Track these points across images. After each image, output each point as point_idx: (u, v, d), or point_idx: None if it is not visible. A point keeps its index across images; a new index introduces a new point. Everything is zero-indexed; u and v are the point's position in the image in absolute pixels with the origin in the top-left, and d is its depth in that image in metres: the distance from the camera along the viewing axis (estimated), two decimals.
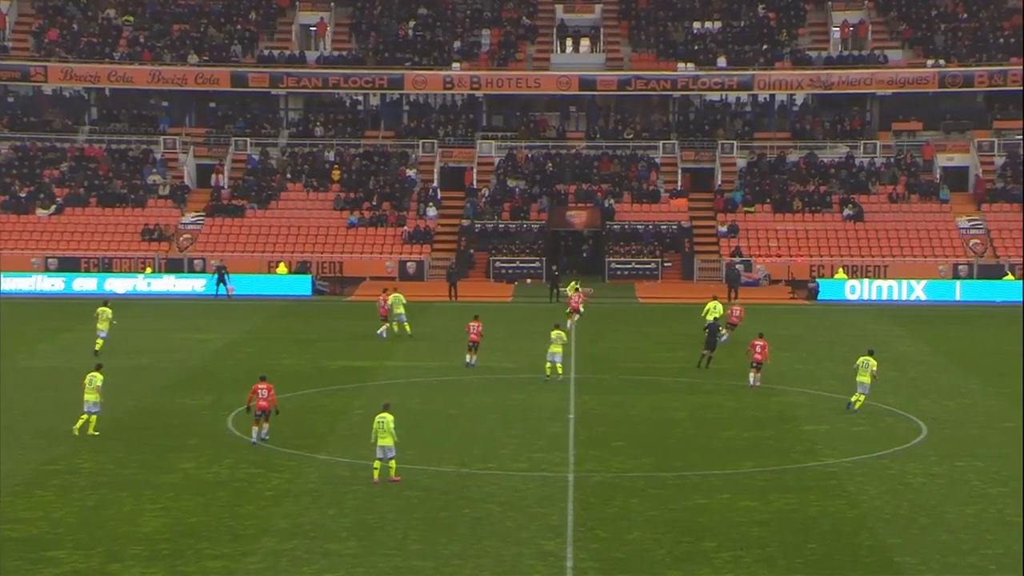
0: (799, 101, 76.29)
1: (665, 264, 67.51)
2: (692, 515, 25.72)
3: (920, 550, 23.67)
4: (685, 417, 34.96)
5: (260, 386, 30.98)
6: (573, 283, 53.89)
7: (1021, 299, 57.84)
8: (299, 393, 36.70)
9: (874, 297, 60.98)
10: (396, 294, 48.34)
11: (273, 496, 26.95)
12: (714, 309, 46.22)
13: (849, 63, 74.08)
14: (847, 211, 69.06)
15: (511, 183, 72.26)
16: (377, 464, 27.61)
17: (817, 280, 62.80)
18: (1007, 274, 62.94)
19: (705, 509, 26.13)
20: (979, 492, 27.49)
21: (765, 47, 75.56)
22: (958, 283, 62.58)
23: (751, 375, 38.73)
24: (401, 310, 47.57)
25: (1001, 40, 74.54)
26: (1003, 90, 72.09)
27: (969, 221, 68.07)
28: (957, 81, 71.87)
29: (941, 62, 72.99)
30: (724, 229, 68.67)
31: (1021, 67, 71.34)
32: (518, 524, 25.11)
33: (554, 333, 39.56)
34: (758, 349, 38.70)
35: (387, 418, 27.64)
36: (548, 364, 39.30)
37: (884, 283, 62.17)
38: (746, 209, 69.94)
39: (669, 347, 46.78)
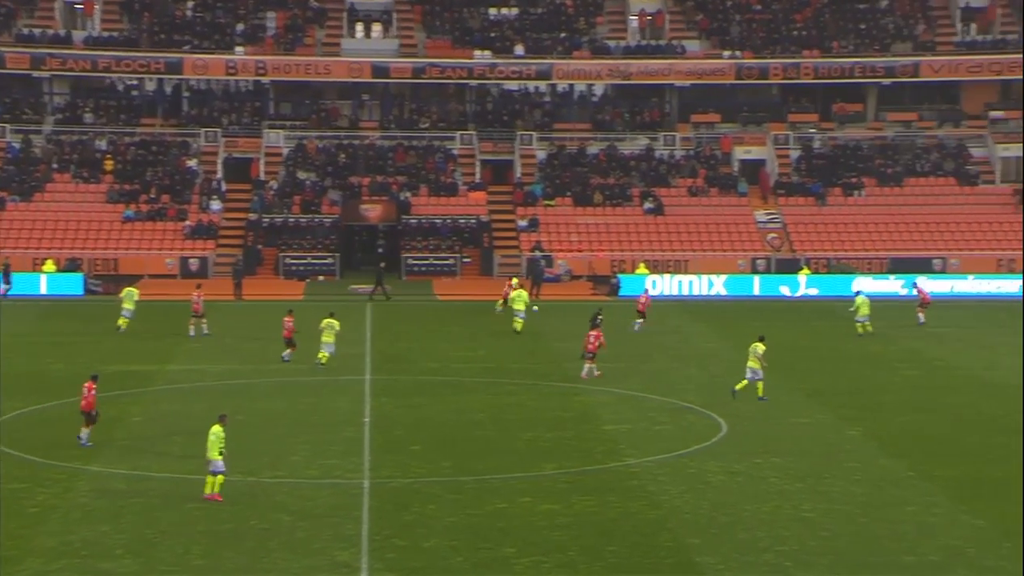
0: (599, 92, 77.36)
1: (464, 260, 67.77)
2: (492, 520, 25.89)
3: (719, 549, 24.28)
4: (486, 418, 35.16)
5: (88, 385, 30.72)
6: (516, 280, 54.37)
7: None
8: (70, 400, 35.69)
9: (675, 292, 62.28)
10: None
11: (38, 513, 26.15)
12: (519, 298, 49.05)
13: (647, 53, 75.49)
14: (647, 204, 70.39)
15: (301, 175, 71.61)
16: (210, 480, 26.91)
17: (618, 275, 63.85)
18: (803, 268, 64.91)
19: (505, 513, 26.33)
20: (776, 489, 28.33)
21: (563, 35, 76.47)
22: (756, 278, 64.41)
23: (585, 366, 39.92)
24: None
25: (795, 32, 76.86)
26: (798, 83, 74.38)
27: (767, 215, 70.07)
28: (753, 73, 73.88)
29: (737, 53, 74.96)
30: (524, 223, 69.27)
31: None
32: (310, 534, 24.90)
33: (325, 322, 41.05)
34: (592, 340, 39.98)
35: (216, 431, 26.89)
36: (324, 353, 41.03)
37: (685, 278, 63.57)
38: (546, 203, 70.69)
39: (469, 346, 46.98)
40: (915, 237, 67.61)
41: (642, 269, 64.41)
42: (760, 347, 37.12)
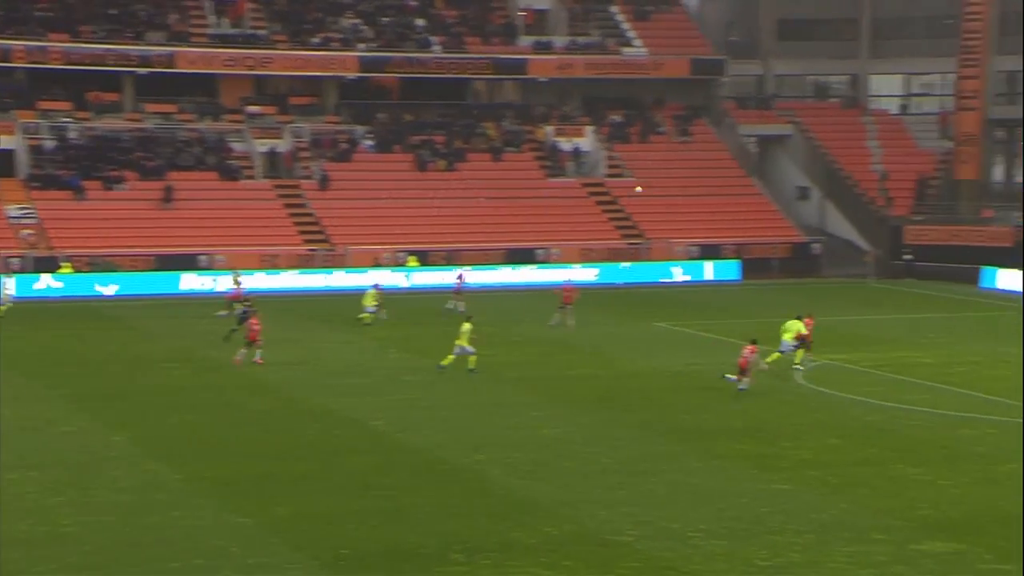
0: None
1: None
2: None
3: None
4: None
5: None
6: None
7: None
8: None
9: None
10: None
11: None
12: None
13: None
14: None
15: None
16: None
17: None
18: (62, 265, 62.89)
19: None
20: (34, 505, 27.09)
21: None
22: (10, 278, 61.70)
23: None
24: None
25: (39, 14, 74.16)
26: (46, 68, 71.86)
27: (20, 209, 67.18)
28: None
29: None
30: None
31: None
32: None
33: None
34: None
35: None
36: None
37: None
38: None
39: None
40: (181, 233, 67.49)
41: None
42: (467, 326, 40.02)
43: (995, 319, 56.39)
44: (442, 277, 64.22)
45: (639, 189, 73.63)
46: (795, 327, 42.70)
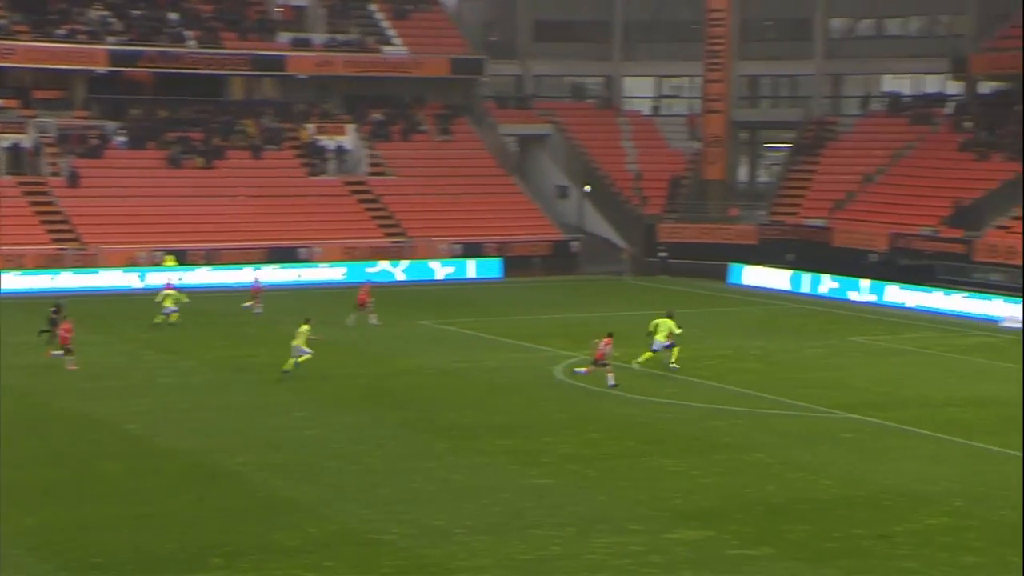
0: None
1: None
2: None
3: None
4: None
5: None
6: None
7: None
8: None
9: None
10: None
11: None
12: None
13: None
14: None
15: None
16: None
17: None
18: None
19: None
20: None
21: None
22: None
23: None
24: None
25: None
26: None
27: None
28: None
29: None
30: None
31: None
32: None
33: None
34: None
35: None
36: None
37: None
38: None
39: None
40: None
41: None
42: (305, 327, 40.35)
43: (741, 314, 58.19)
44: (202, 277, 63.37)
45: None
46: (667, 325, 42.94)
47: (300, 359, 41.11)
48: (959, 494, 28.97)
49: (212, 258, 65.95)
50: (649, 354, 42.65)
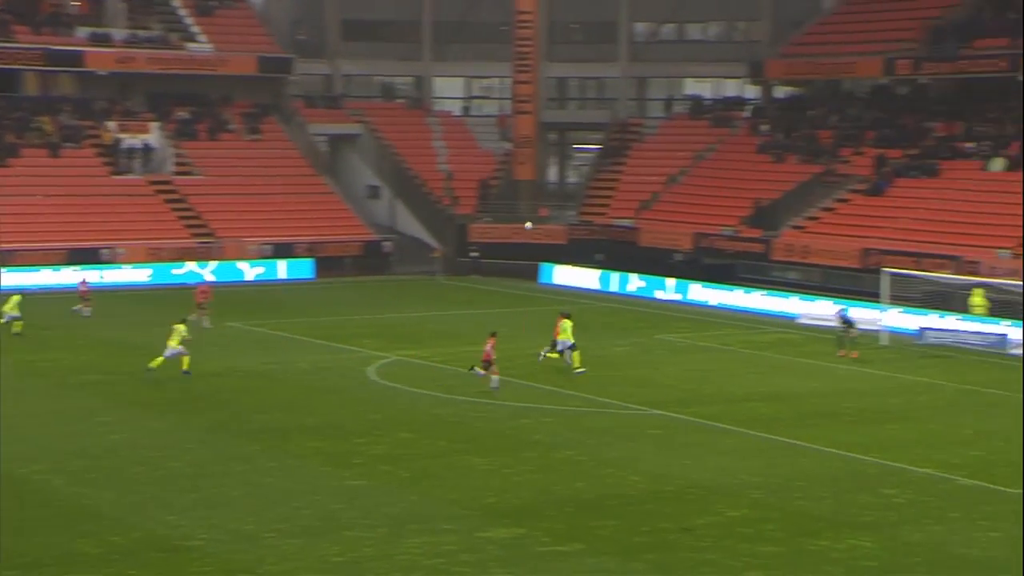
0: None
1: None
2: None
3: None
4: None
5: None
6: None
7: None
8: None
9: None
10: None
11: None
12: None
13: None
14: None
15: None
16: None
17: None
18: None
19: None
20: None
21: None
22: None
23: None
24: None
25: None
26: None
27: None
28: None
29: None
30: None
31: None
32: None
33: None
34: None
35: None
36: None
37: None
38: None
39: None
40: None
41: None
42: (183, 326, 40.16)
43: (552, 313, 58.48)
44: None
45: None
46: (568, 325, 43.21)
47: (182, 360, 40.35)
48: (759, 486, 29.66)
49: (6, 260, 63.96)
50: (556, 355, 43.20)
